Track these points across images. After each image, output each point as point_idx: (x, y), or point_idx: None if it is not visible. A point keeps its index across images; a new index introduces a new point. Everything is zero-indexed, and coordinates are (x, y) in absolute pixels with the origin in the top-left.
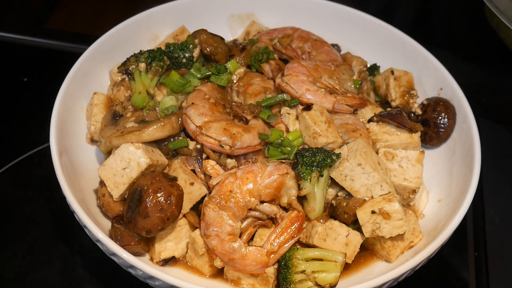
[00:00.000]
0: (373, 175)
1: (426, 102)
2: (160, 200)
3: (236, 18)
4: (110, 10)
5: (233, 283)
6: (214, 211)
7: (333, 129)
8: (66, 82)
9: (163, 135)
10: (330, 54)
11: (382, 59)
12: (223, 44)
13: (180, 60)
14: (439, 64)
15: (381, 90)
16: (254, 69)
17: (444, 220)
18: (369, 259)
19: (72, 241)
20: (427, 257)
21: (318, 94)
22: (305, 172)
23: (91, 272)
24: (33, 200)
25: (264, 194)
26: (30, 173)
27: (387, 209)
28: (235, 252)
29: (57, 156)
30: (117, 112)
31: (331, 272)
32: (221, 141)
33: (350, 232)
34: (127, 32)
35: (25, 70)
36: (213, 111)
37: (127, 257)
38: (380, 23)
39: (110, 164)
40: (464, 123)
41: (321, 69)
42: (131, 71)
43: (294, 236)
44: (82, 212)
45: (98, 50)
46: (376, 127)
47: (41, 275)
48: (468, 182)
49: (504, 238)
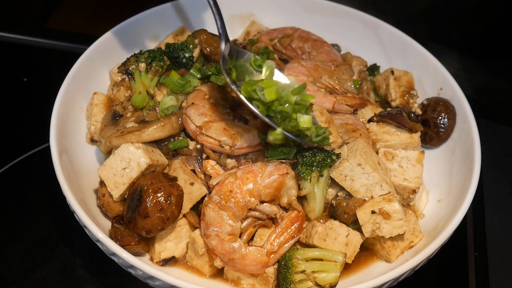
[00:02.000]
0: (373, 175)
1: (426, 102)
2: (160, 200)
3: (236, 18)
4: (110, 10)
5: (233, 283)
6: (214, 211)
7: (333, 129)
8: (66, 82)
9: (163, 135)
10: (330, 54)
11: (382, 59)
12: None
13: (180, 60)
14: (439, 64)
15: (381, 90)
16: None
17: (444, 220)
18: (369, 259)
19: (72, 241)
20: (427, 257)
21: (318, 94)
22: (305, 172)
23: (91, 272)
24: (33, 200)
25: (264, 194)
26: (30, 173)
27: (387, 209)
28: (235, 252)
29: (57, 156)
30: (117, 112)
31: (331, 272)
32: (221, 141)
33: (350, 232)
34: (127, 32)
35: (25, 70)
36: (213, 111)
37: (127, 257)
38: (380, 23)
39: (110, 164)
40: (464, 123)
41: (321, 69)
42: (131, 71)
43: (294, 236)
44: (82, 212)
45: (98, 50)
46: (376, 127)
47: (41, 275)
48: (468, 182)
49: (504, 238)
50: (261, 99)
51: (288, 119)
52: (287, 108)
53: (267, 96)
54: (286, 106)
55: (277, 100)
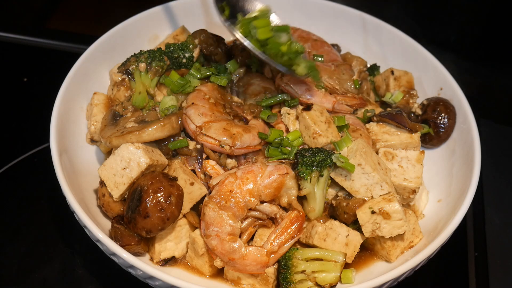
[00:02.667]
0: (373, 175)
1: (426, 102)
2: (160, 200)
3: None
4: (110, 10)
5: (233, 283)
6: (214, 211)
7: (333, 129)
8: (66, 82)
9: (163, 135)
10: (330, 54)
11: (382, 59)
12: (223, 44)
13: (180, 60)
14: (439, 64)
15: (381, 90)
16: (254, 69)
17: (444, 220)
18: (369, 259)
19: (72, 241)
20: (427, 257)
21: (318, 94)
22: (305, 172)
23: (91, 272)
24: (33, 200)
25: (264, 194)
26: (30, 173)
27: (387, 209)
28: (235, 252)
29: (57, 156)
30: (117, 112)
31: (331, 272)
32: (221, 141)
33: (350, 232)
34: (127, 32)
35: (25, 70)
36: (213, 111)
37: (127, 257)
38: (380, 23)
39: (110, 164)
40: (464, 123)
41: (321, 69)
42: (131, 71)
43: (294, 236)
44: (82, 212)
45: (98, 50)
46: (376, 127)
47: (41, 275)
48: (468, 182)
49: (504, 238)
50: (254, 37)
51: (281, 56)
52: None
53: (260, 36)
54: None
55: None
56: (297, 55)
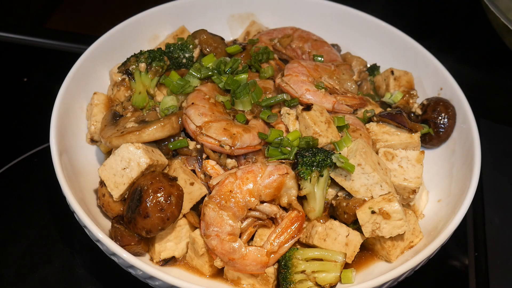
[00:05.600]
0: (373, 175)
1: (426, 102)
2: (160, 200)
3: (236, 18)
4: (110, 10)
5: (233, 283)
6: (214, 211)
7: (333, 129)
8: (66, 82)
9: (163, 135)
10: (330, 54)
11: (382, 59)
12: (223, 44)
13: (180, 60)
14: (439, 64)
15: (381, 90)
16: (254, 69)
17: (444, 220)
18: (369, 259)
19: (72, 241)
20: (427, 257)
21: (318, 94)
22: (305, 172)
23: (91, 272)
24: (33, 200)
25: (264, 194)
26: (30, 173)
27: (387, 209)
28: (235, 252)
29: (57, 156)
30: (117, 112)
31: (331, 272)
32: (221, 141)
33: (350, 232)
34: (127, 32)
35: (25, 70)
36: (213, 111)
37: (127, 257)
38: (380, 23)
39: (110, 164)
40: (464, 123)
41: (321, 69)
42: (131, 71)
43: (294, 236)
44: (82, 212)
45: (98, 50)
46: (376, 127)
47: (41, 275)
48: (468, 182)
49: (504, 238)
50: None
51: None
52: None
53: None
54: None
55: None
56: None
